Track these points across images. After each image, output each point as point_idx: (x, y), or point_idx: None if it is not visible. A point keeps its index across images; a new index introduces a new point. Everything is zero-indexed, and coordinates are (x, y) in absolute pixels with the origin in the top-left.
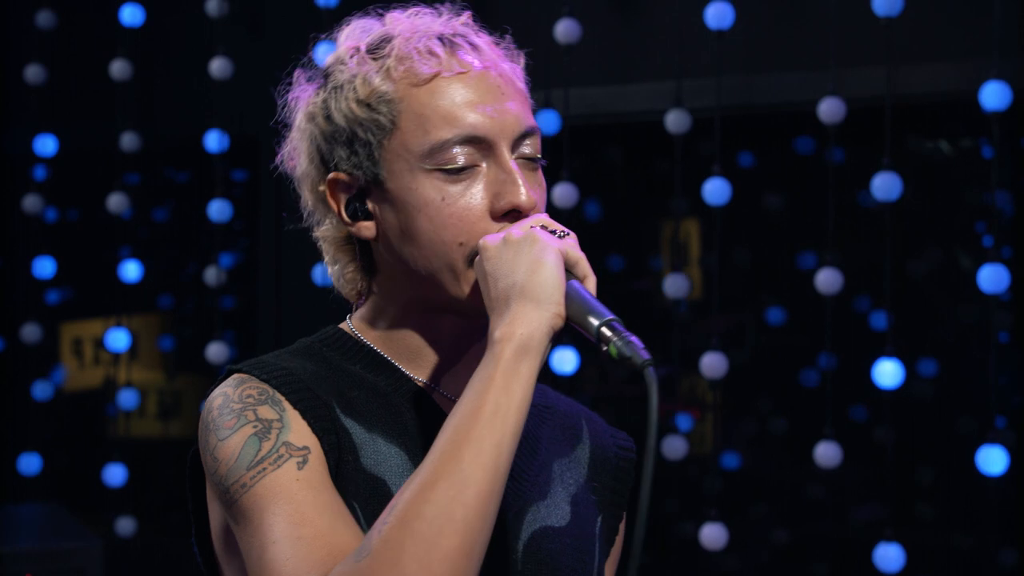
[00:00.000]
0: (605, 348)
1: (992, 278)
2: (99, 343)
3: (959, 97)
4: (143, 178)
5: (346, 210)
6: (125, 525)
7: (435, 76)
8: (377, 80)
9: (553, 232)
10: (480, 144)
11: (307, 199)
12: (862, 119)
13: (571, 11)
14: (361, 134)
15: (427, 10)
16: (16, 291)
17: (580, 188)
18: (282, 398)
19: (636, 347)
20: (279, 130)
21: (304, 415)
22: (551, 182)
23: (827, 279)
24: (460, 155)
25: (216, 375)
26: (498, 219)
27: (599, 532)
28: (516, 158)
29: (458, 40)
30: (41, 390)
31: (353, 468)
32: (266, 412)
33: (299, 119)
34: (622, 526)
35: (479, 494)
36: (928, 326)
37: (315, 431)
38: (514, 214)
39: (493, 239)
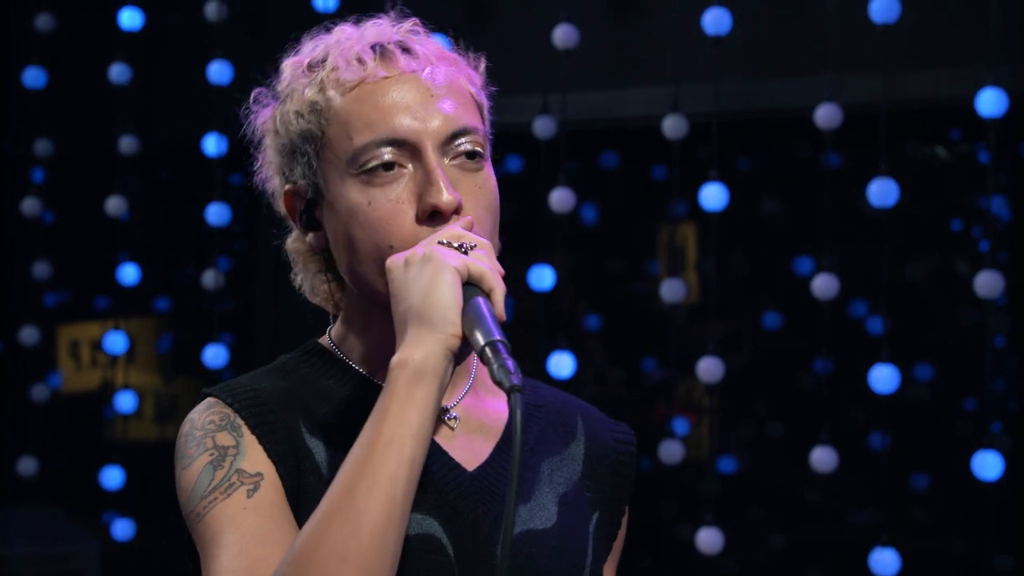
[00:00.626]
0: (487, 368)
1: (988, 283)
2: (97, 345)
3: (956, 103)
4: (141, 181)
5: (301, 221)
6: (123, 527)
7: (360, 82)
8: (309, 91)
9: (460, 246)
10: (404, 146)
11: (280, 212)
12: (859, 125)
13: (569, 16)
14: (300, 145)
15: (379, 20)
16: (14, 293)
17: (577, 192)
18: (242, 423)
19: (508, 373)
20: (250, 150)
21: (262, 440)
22: (549, 187)
23: (824, 284)
24: (383, 157)
25: (213, 378)
26: (422, 221)
27: (594, 530)
28: (451, 158)
29: (391, 47)
30: (39, 392)
31: (316, 486)
32: (224, 439)
33: (264, 136)
34: (624, 520)
35: (374, 529)
36: (924, 331)
37: (271, 456)
38: (436, 216)
39: (397, 259)
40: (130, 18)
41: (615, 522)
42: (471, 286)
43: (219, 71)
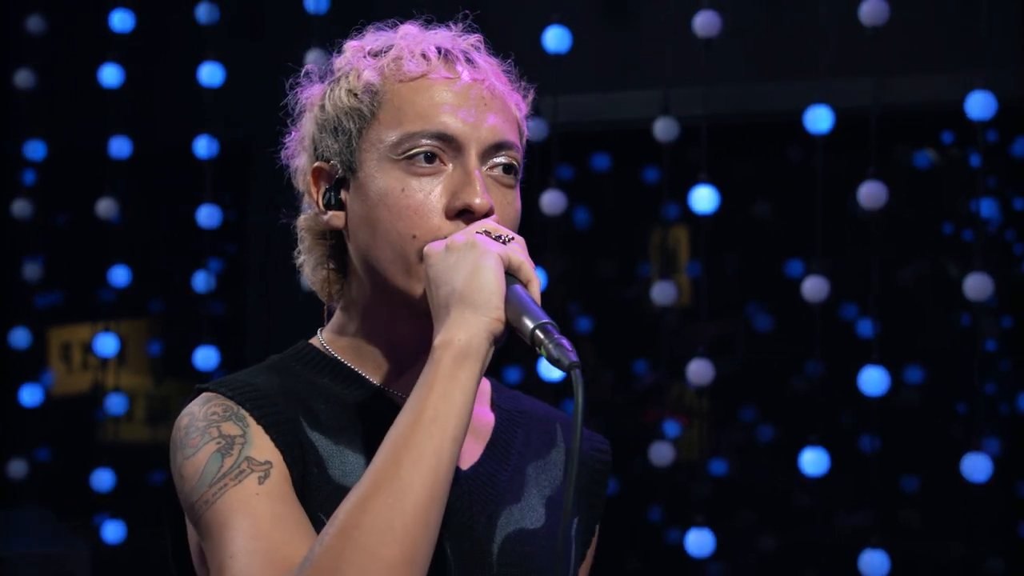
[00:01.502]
0: (538, 350)
1: (978, 286)
2: (87, 348)
3: (946, 107)
4: (133, 183)
5: (323, 199)
6: (113, 530)
7: (422, 76)
8: (368, 73)
9: (499, 237)
10: (449, 143)
11: (299, 190)
12: (849, 128)
13: (560, 19)
14: (345, 122)
15: (445, 29)
16: (5, 295)
17: (568, 195)
18: (246, 413)
19: (565, 350)
20: (285, 122)
21: (268, 430)
22: (540, 189)
23: (814, 287)
24: (427, 149)
25: (204, 380)
26: (452, 218)
27: (575, 534)
28: (488, 169)
29: (456, 52)
30: (29, 395)
31: (320, 479)
32: (230, 428)
33: (306, 111)
34: (598, 528)
35: (419, 502)
36: (915, 334)
37: (278, 445)
38: (467, 215)
39: (437, 246)
40: (121, 20)
41: (591, 529)
42: (509, 275)
43: (210, 73)
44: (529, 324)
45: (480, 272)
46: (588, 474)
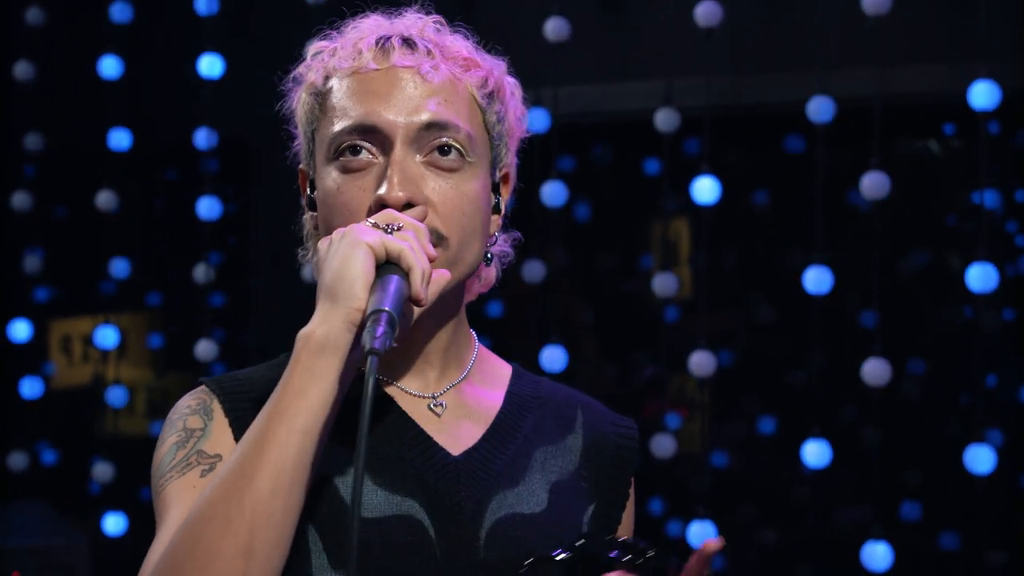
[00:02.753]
0: None
1: (981, 277)
2: (88, 340)
3: (949, 98)
4: (132, 175)
5: (306, 201)
6: (114, 522)
7: (353, 72)
8: (312, 75)
9: (387, 227)
10: (375, 135)
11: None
12: (851, 119)
13: (560, 10)
14: (305, 126)
15: (407, 14)
16: (5, 288)
17: (569, 187)
18: (216, 407)
19: (374, 336)
20: (287, 129)
21: (232, 424)
22: (540, 181)
23: (815, 278)
24: (356, 146)
25: (204, 373)
26: (372, 213)
27: (588, 520)
28: (425, 155)
29: (394, 40)
30: (30, 387)
31: None
32: (194, 422)
33: (293, 116)
34: (626, 515)
35: (258, 495)
36: (917, 325)
37: (237, 439)
38: (386, 208)
39: (325, 239)
40: (120, 12)
41: (613, 516)
42: (391, 264)
43: (209, 64)
44: (368, 309)
45: (346, 263)
46: (609, 458)
